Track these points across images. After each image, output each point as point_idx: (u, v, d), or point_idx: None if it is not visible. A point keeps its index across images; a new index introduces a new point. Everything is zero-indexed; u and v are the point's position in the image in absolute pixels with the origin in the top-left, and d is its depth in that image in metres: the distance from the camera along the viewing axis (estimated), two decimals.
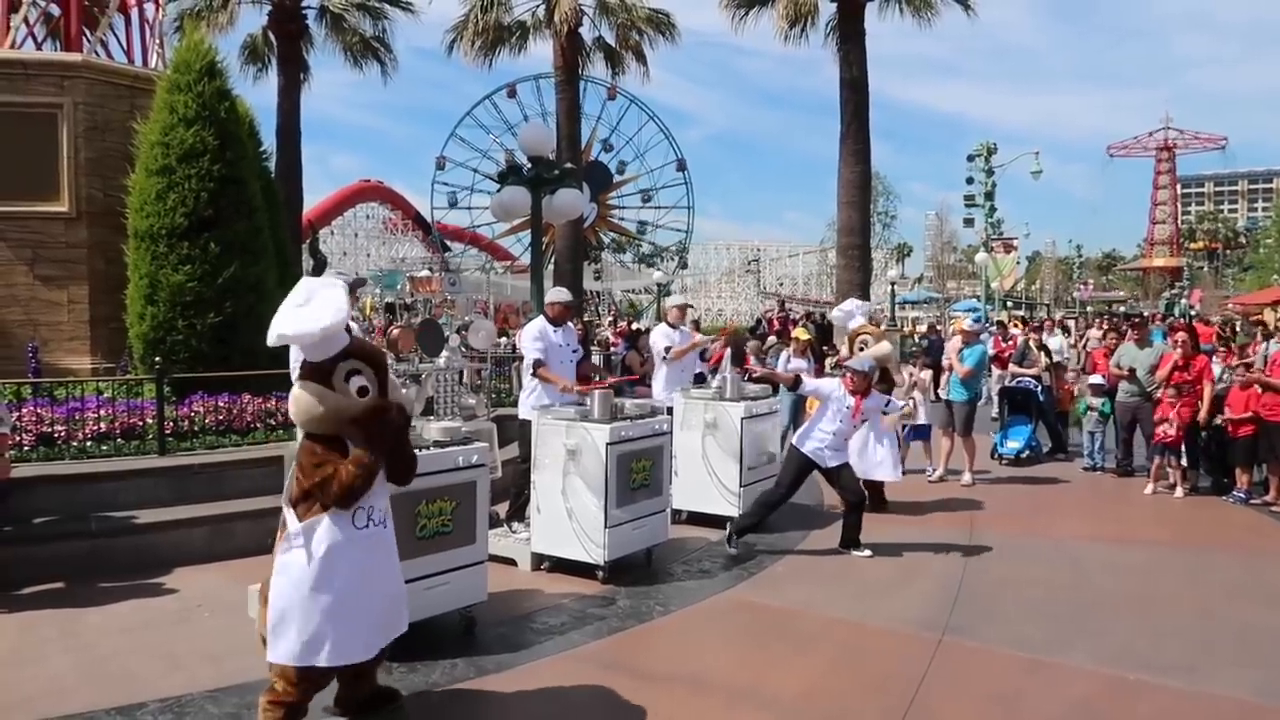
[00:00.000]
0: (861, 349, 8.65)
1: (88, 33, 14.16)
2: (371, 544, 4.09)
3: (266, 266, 9.30)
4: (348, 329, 4.09)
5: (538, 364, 7.28)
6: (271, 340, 3.96)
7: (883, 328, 19.86)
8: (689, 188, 48.47)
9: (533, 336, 7.41)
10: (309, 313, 3.92)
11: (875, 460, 8.54)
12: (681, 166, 48.20)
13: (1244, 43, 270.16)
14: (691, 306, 10.72)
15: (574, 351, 7.60)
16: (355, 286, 6.23)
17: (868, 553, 7.16)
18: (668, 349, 9.03)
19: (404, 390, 4.51)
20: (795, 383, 7.74)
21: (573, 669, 4.98)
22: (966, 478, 10.49)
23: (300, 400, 3.95)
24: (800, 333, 12.46)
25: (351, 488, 3.89)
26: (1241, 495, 9.39)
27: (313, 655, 3.93)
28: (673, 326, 9.31)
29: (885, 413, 7.92)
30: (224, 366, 8.50)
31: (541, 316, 7.69)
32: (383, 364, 4.18)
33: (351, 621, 4.00)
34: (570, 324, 7.81)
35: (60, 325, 9.74)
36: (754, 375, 8.80)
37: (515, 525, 7.36)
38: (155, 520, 6.96)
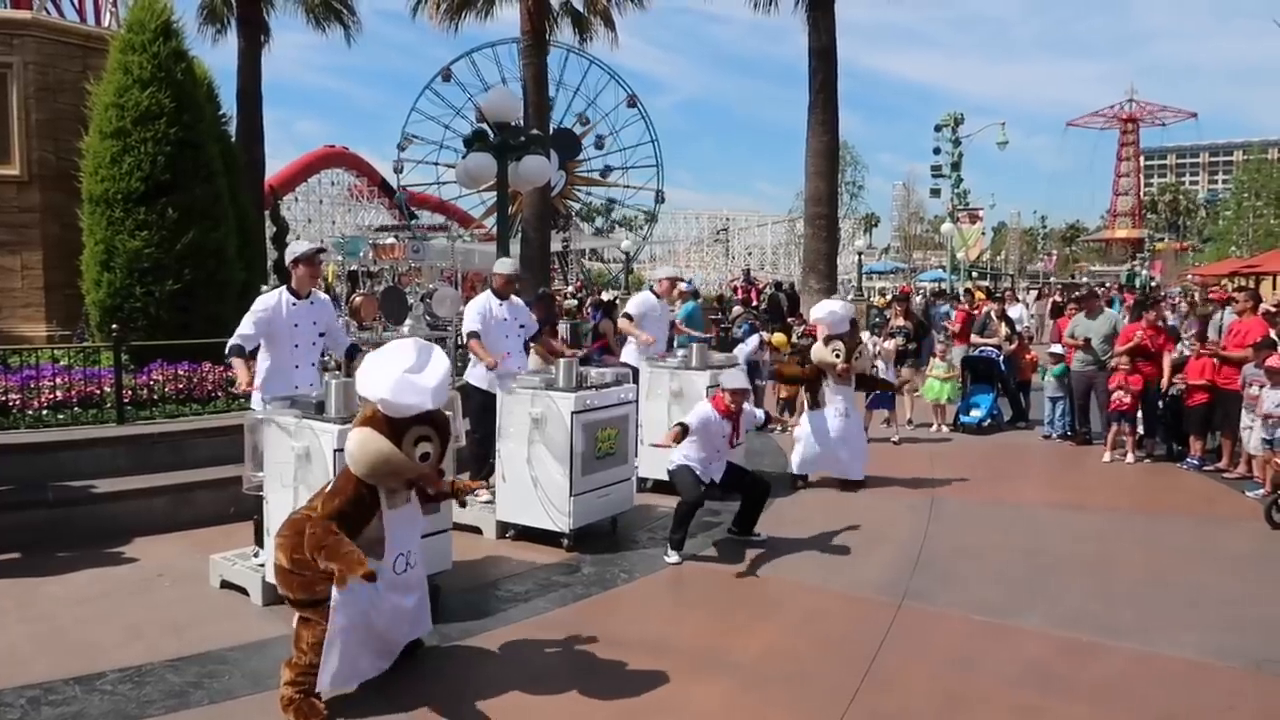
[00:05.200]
0: (837, 355, 8.54)
1: None
2: (408, 583, 4.31)
3: (227, 233, 9.14)
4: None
5: (471, 335, 7.15)
6: (369, 395, 3.98)
7: (849, 298, 20.02)
8: (648, 122, 47.52)
9: (475, 310, 7.32)
10: (422, 384, 3.97)
11: (849, 460, 8.63)
12: (633, 102, 47.22)
13: (1208, 15, 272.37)
14: (683, 280, 10.45)
15: (520, 326, 7.42)
16: (318, 253, 6.15)
17: (762, 535, 6.87)
18: (630, 317, 8.91)
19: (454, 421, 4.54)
20: (682, 434, 6.42)
21: (537, 635, 5.01)
22: None
23: (367, 447, 3.97)
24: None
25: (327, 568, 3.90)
26: (1195, 462, 9.59)
27: (355, 680, 4.17)
28: (658, 298, 9.11)
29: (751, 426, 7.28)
30: (184, 334, 8.38)
31: (489, 290, 7.57)
32: (447, 433, 4.27)
33: (388, 649, 4.31)
34: (516, 298, 7.56)
35: (13, 291, 9.54)
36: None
37: (479, 492, 7.35)
38: (114, 490, 6.88)
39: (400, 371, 3.95)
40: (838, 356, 8.55)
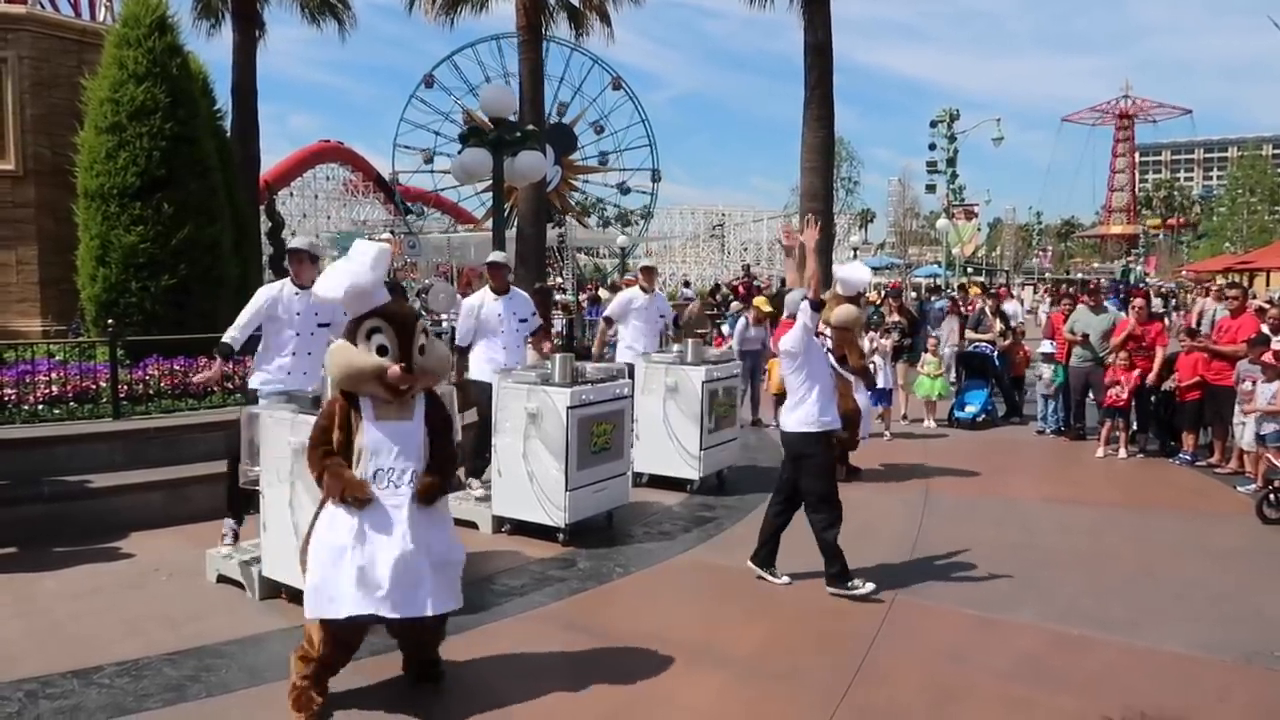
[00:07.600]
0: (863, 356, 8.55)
1: None
2: (393, 504, 3.99)
3: (222, 228, 9.15)
4: (395, 289, 4.09)
5: (457, 348, 7.34)
6: (323, 295, 4.08)
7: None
8: (636, 103, 47.10)
9: (464, 312, 7.45)
10: (343, 269, 4.01)
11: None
12: (617, 85, 46.83)
13: (1203, 11, 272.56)
14: (655, 270, 10.58)
15: (521, 321, 7.47)
16: (295, 252, 6.11)
17: (785, 580, 5.89)
18: (610, 320, 9.18)
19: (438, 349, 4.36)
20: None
21: (533, 629, 5.04)
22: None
23: (335, 355, 4.04)
24: (761, 301, 12.47)
25: (320, 477, 3.96)
26: (1187, 457, 9.65)
27: (332, 609, 3.89)
28: (645, 291, 9.24)
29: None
30: (179, 329, 8.38)
31: (486, 287, 7.59)
32: (407, 324, 4.05)
33: (372, 578, 3.90)
34: (517, 291, 7.64)
35: (9, 287, 9.54)
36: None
37: (473, 482, 7.39)
38: (110, 485, 6.89)
39: (344, 267, 4.06)
40: (862, 358, 8.48)
